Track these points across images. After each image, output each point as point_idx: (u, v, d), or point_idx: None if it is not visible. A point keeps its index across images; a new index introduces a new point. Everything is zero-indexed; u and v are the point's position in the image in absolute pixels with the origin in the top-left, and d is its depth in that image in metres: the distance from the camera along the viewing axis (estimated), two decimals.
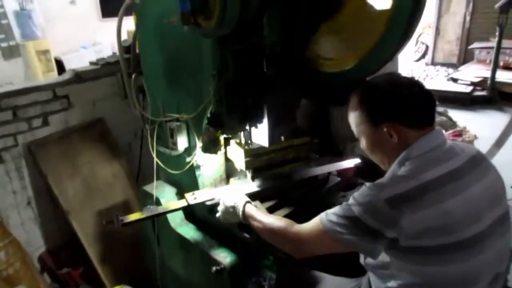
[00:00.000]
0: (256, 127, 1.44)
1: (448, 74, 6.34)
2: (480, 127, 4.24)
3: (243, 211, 1.36)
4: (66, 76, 2.25)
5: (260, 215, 1.32)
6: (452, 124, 3.86)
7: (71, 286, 2.24)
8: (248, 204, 1.38)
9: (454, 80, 5.69)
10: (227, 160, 1.70)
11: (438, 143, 1.10)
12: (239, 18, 1.15)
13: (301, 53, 1.42)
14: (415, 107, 1.11)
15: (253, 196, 1.54)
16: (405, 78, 1.20)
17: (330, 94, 1.55)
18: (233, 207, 1.38)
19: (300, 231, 1.16)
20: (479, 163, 1.11)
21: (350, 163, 1.76)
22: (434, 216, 0.99)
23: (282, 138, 1.49)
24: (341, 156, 2.79)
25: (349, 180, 2.39)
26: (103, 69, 2.37)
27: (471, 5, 6.61)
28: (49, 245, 2.31)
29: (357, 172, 2.02)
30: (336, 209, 1.09)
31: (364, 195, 1.03)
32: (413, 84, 1.14)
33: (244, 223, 1.37)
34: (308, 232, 1.14)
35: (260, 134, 1.47)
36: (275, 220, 1.27)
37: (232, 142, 1.58)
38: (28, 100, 2.10)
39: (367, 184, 1.07)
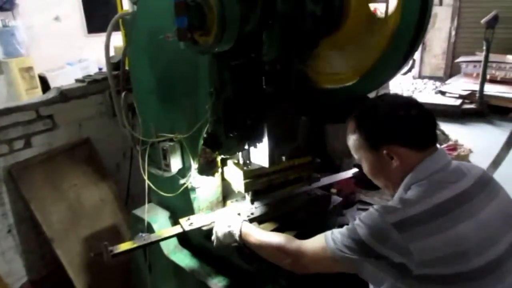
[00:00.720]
0: (256, 146, 1.38)
1: (436, 87, 6.43)
2: (472, 140, 4.26)
3: (240, 230, 1.32)
4: (50, 94, 2.16)
5: (257, 231, 1.30)
6: (445, 138, 3.87)
7: None
8: (244, 223, 1.35)
9: (442, 93, 5.76)
10: (224, 179, 1.62)
11: (443, 164, 1.07)
12: (238, 35, 1.10)
13: (301, 70, 1.38)
14: (414, 128, 1.08)
15: (252, 220, 1.47)
16: (403, 98, 1.19)
17: (329, 112, 1.51)
18: (229, 226, 1.34)
19: (301, 246, 1.15)
20: (487, 184, 1.08)
21: (348, 173, 1.74)
22: (446, 242, 0.94)
23: (283, 158, 1.43)
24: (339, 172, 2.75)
25: (348, 197, 2.35)
26: (90, 86, 2.28)
27: (455, 20, 6.76)
28: (32, 275, 2.17)
29: (357, 183, 1.97)
30: (342, 229, 1.06)
31: (371, 217, 1.00)
32: (411, 105, 1.12)
33: (241, 244, 1.32)
34: (310, 248, 1.12)
35: (260, 154, 1.40)
36: (274, 236, 1.25)
37: (229, 162, 1.51)
38: (10, 121, 1.99)
39: (375, 206, 1.03)
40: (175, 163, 1.56)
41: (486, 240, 0.97)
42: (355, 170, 1.73)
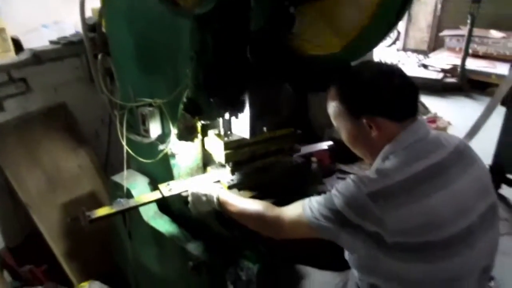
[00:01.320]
0: (237, 117, 1.36)
1: (419, 60, 6.46)
2: (450, 114, 4.34)
3: (218, 198, 1.33)
4: (22, 56, 2.07)
5: (235, 199, 1.30)
6: (424, 110, 3.92)
7: (35, 284, 2.09)
8: (222, 190, 1.37)
9: (425, 66, 5.79)
10: (204, 147, 1.60)
11: (422, 134, 1.07)
12: None
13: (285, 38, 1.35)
14: (396, 99, 1.06)
15: (231, 187, 1.48)
16: (386, 66, 1.16)
17: (312, 80, 1.49)
18: (206, 195, 1.35)
19: (280, 215, 1.16)
20: (463, 153, 1.08)
21: (323, 145, 1.74)
22: (420, 212, 0.96)
23: (265, 129, 1.42)
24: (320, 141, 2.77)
25: (328, 166, 2.37)
26: (65, 49, 2.19)
27: None
28: (9, 242, 2.15)
29: (333, 157, 2.00)
30: (319, 198, 1.08)
31: (347, 187, 1.01)
32: (395, 74, 1.09)
33: (219, 210, 1.33)
34: (288, 216, 1.14)
35: (241, 125, 1.39)
36: (252, 203, 1.26)
37: (210, 133, 1.50)
38: None
39: (352, 176, 1.03)
40: (154, 128, 1.54)
41: (458, 211, 0.99)
42: (330, 142, 1.73)
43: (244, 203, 1.28)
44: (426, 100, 4.57)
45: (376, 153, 1.10)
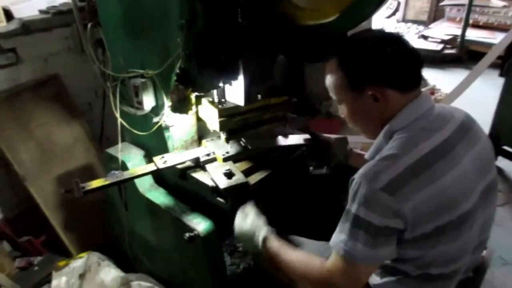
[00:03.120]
0: (231, 84, 1.34)
1: (419, 31, 6.33)
2: (449, 85, 4.29)
3: (264, 246, 1.19)
4: (11, 26, 2.00)
5: (286, 252, 1.14)
6: (423, 82, 3.88)
7: (34, 255, 2.12)
8: (269, 238, 1.19)
9: (425, 37, 5.69)
10: (199, 119, 1.60)
11: (427, 109, 1.02)
12: None
13: (279, 5, 1.31)
14: (402, 67, 1.02)
15: (227, 159, 1.48)
16: (389, 33, 1.11)
17: (307, 50, 1.46)
18: (251, 237, 1.21)
19: (327, 269, 1.01)
20: (468, 129, 1.04)
21: (299, 139, 1.62)
22: (432, 196, 0.91)
23: (259, 96, 1.40)
24: (317, 115, 2.75)
25: None
26: (55, 18, 2.12)
27: None
28: (7, 213, 2.16)
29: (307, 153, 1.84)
30: (338, 227, 0.99)
31: (357, 192, 0.93)
32: (399, 41, 1.04)
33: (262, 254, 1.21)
34: (335, 268, 0.99)
35: (235, 92, 1.38)
36: (300, 262, 1.09)
37: (204, 100, 1.48)
38: None
39: (355, 177, 0.95)
40: (148, 100, 1.51)
41: (465, 191, 0.97)
42: (306, 136, 1.61)
43: (292, 260, 1.11)
44: (425, 72, 4.50)
45: (379, 128, 1.05)
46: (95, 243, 2.11)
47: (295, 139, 1.62)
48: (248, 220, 1.25)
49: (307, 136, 1.62)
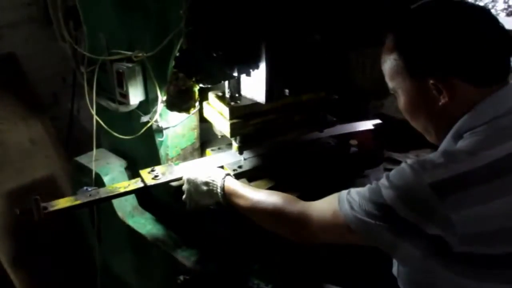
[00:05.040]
0: (249, 74, 1.36)
1: (509, 6, 6.30)
2: None
3: (223, 187, 1.35)
4: None
5: (246, 190, 1.33)
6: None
7: None
8: (228, 177, 1.38)
9: None
10: (203, 120, 1.62)
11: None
12: None
13: None
14: (482, 54, 1.02)
15: (239, 176, 1.49)
16: (469, 6, 1.10)
17: (353, 30, 1.48)
18: (207, 184, 1.37)
19: (308, 209, 1.17)
20: None
21: (367, 124, 1.71)
22: (503, 212, 0.93)
23: (287, 92, 1.41)
24: (364, 119, 2.75)
25: (370, 153, 2.36)
26: None
27: None
28: None
29: (380, 141, 1.98)
30: (362, 189, 1.06)
31: (402, 175, 0.99)
32: (481, 17, 1.04)
33: (224, 204, 1.35)
34: (318, 211, 1.14)
35: (254, 86, 1.39)
36: (269, 195, 1.28)
37: (211, 95, 1.50)
38: None
39: (408, 161, 1.01)
40: (135, 92, 1.55)
41: None
42: (377, 121, 1.70)
43: (258, 194, 1.29)
44: None
45: (444, 128, 1.08)
46: (54, 283, 2.14)
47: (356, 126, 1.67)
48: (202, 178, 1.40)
49: (375, 121, 1.68)
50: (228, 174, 1.40)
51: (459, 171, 0.94)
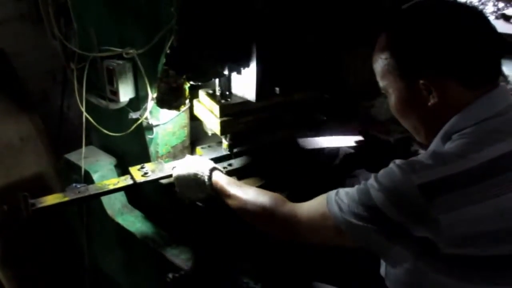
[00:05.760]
0: (240, 72, 1.36)
1: (498, 9, 6.35)
2: None
3: (211, 179, 1.36)
4: None
5: (235, 187, 1.33)
6: (503, 79, 3.88)
7: None
8: (216, 172, 1.39)
9: (506, 18, 5.70)
10: (193, 119, 1.62)
11: (502, 108, 1.02)
12: None
13: None
14: (474, 54, 1.02)
15: (229, 174, 1.49)
16: (461, 6, 1.11)
17: (346, 29, 1.49)
18: (195, 176, 1.37)
19: (296, 209, 1.18)
20: None
21: (350, 141, 1.66)
22: (490, 215, 0.93)
23: (277, 90, 1.42)
24: (353, 120, 2.76)
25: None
26: None
27: None
28: None
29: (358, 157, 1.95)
30: (350, 190, 1.06)
31: (390, 176, 0.99)
32: (473, 17, 1.05)
33: (212, 195, 1.36)
34: (307, 212, 1.14)
35: (245, 83, 1.40)
36: (258, 194, 1.28)
37: (201, 93, 1.50)
38: None
39: (397, 161, 1.01)
40: (125, 90, 1.54)
41: None
42: (359, 138, 1.67)
43: (247, 192, 1.29)
44: (504, 64, 4.52)
45: (433, 128, 1.08)
46: (42, 282, 2.13)
47: (338, 141, 1.64)
48: (189, 160, 1.43)
49: (356, 137, 1.66)
50: (215, 168, 1.40)
51: (448, 173, 0.95)
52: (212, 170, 1.37)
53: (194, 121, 1.64)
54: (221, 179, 1.35)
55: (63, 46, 1.68)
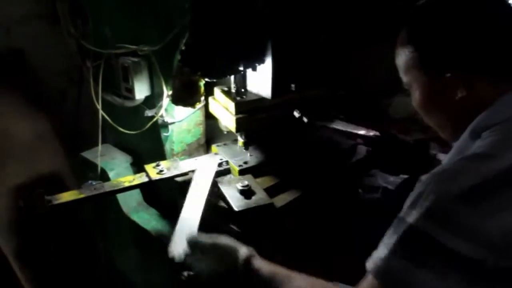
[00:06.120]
0: (255, 69, 1.35)
1: None
2: None
3: (246, 267, 1.10)
4: None
5: (286, 275, 1.08)
6: None
7: None
8: (255, 259, 1.11)
9: None
10: (209, 117, 1.62)
11: None
12: None
13: None
14: (500, 46, 1.00)
15: (245, 171, 1.48)
16: None
17: (358, 28, 1.48)
18: (228, 247, 1.15)
19: None
20: None
21: (368, 131, 1.62)
22: None
23: (293, 87, 1.41)
24: (370, 118, 2.74)
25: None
26: None
27: None
28: None
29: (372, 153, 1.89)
30: (381, 243, 0.95)
31: (420, 197, 0.89)
32: (497, 7, 1.02)
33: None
34: None
35: (260, 80, 1.39)
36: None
37: (216, 90, 1.49)
38: None
39: (423, 177, 0.93)
40: (141, 87, 1.55)
41: None
42: (375, 132, 1.61)
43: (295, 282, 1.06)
44: None
45: (460, 124, 1.03)
46: (60, 280, 2.14)
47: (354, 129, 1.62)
48: (220, 237, 1.18)
49: (374, 132, 1.61)
50: (251, 256, 1.11)
51: (486, 176, 0.87)
52: (248, 259, 1.10)
53: (210, 119, 1.63)
54: (264, 266, 1.09)
55: (79, 45, 1.68)
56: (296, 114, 1.46)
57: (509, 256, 0.84)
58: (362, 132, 1.62)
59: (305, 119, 1.45)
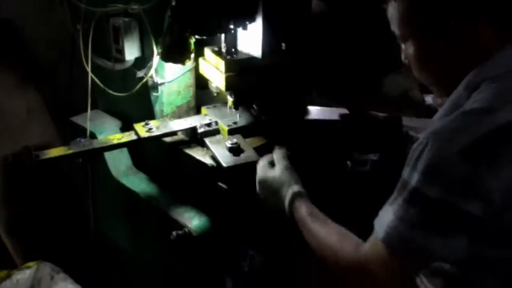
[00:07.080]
0: (246, 27, 1.35)
1: None
2: None
3: (290, 206, 1.20)
4: None
5: (317, 222, 1.14)
6: None
7: None
8: (298, 200, 1.20)
9: None
10: (199, 87, 1.63)
11: None
12: None
13: None
14: None
15: (234, 131, 1.48)
16: None
17: None
18: (277, 192, 1.24)
19: (365, 253, 0.99)
20: None
21: (332, 113, 1.62)
22: None
23: (283, 46, 1.39)
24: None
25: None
26: None
27: None
28: None
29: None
30: (387, 203, 0.96)
31: (420, 157, 0.88)
32: None
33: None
34: (372, 257, 0.97)
35: (251, 40, 1.38)
36: (343, 242, 1.07)
37: (207, 50, 1.48)
38: None
39: (422, 135, 0.91)
40: (131, 48, 1.54)
41: None
42: (344, 111, 1.59)
43: (330, 234, 1.10)
44: None
45: (460, 78, 0.98)
46: (49, 247, 2.12)
47: (326, 112, 1.61)
48: (277, 167, 1.27)
49: (343, 110, 1.61)
50: (299, 193, 1.20)
51: (486, 130, 0.85)
52: (295, 196, 1.19)
53: (200, 89, 1.64)
54: (303, 209, 1.17)
55: (70, 6, 1.66)
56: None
57: (507, 214, 0.84)
58: (329, 116, 1.62)
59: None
